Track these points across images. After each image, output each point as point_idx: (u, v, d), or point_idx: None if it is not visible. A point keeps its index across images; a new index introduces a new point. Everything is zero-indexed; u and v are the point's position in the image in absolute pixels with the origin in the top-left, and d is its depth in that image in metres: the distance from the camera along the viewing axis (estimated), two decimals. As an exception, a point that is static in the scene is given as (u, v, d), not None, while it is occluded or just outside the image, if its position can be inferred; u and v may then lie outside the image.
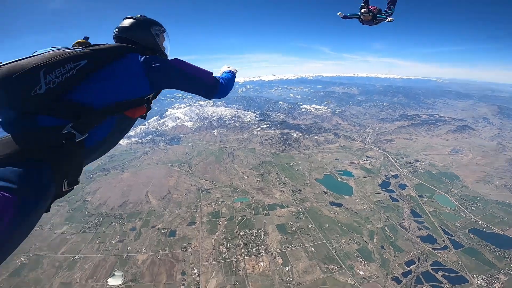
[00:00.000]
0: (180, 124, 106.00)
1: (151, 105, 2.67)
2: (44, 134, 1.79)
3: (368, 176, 62.81)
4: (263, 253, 38.60)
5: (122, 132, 2.43)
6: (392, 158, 73.42)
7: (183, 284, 33.66)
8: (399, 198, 53.24)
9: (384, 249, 39.40)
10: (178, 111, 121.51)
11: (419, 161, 71.58)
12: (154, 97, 2.67)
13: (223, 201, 51.51)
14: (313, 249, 39.34)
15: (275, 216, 46.81)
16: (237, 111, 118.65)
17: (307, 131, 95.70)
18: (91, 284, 33.54)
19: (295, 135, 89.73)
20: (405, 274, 35.19)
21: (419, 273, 35.25)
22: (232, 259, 37.58)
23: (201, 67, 2.78)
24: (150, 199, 52.06)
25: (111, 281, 33.95)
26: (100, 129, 2.09)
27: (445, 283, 33.61)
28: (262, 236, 41.95)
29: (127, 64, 2.29)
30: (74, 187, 2.01)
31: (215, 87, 2.86)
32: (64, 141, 1.82)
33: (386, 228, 44.05)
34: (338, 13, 9.89)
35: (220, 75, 3.36)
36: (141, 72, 2.32)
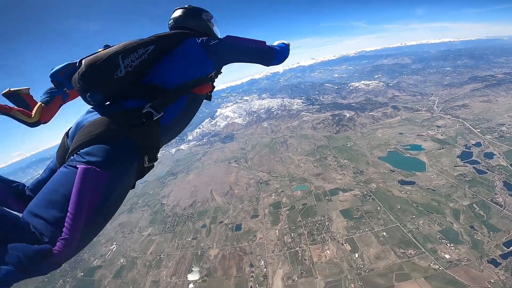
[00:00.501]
0: (231, 122, 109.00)
1: (214, 83, 2.90)
2: (128, 115, 2.02)
3: (443, 148, 55.08)
4: (329, 240, 36.93)
5: (192, 111, 2.60)
6: (470, 125, 63.15)
7: (252, 276, 34.09)
8: (487, 169, 45.35)
9: (475, 230, 33.93)
10: (226, 110, 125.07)
11: (504, 124, 60.05)
12: (216, 75, 2.85)
13: (282, 191, 50.91)
14: (384, 233, 36.07)
15: (338, 201, 44.43)
16: (283, 100, 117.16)
17: (361, 108, 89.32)
18: (175, 281, 36.08)
19: (348, 115, 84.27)
20: (504, 256, 29.65)
21: None
22: (297, 248, 36.80)
23: (254, 38, 2.96)
24: (215, 197, 54.43)
25: (190, 277, 36.22)
26: (173, 107, 2.29)
27: None
28: (326, 223, 40.16)
29: (189, 47, 2.51)
30: (154, 164, 2.22)
31: (271, 54, 3.04)
32: (144, 120, 2.04)
33: (474, 205, 38.00)
34: None
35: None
36: (203, 52, 2.52)
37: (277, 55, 3.10)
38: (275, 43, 3.64)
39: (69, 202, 1.61)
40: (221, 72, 3.05)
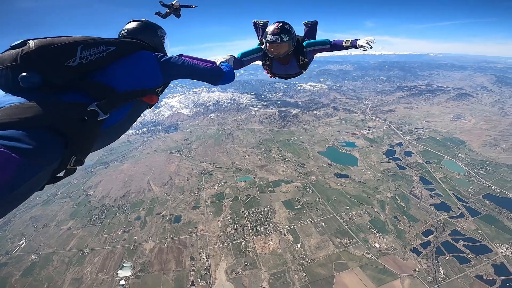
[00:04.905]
0: (176, 112, 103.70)
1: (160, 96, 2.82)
2: (68, 107, 1.79)
3: (372, 146, 61.71)
4: (272, 231, 37.49)
5: (133, 119, 2.49)
6: (394, 127, 72.34)
7: (193, 270, 32.61)
8: (406, 165, 52.03)
9: (398, 220, 38.05)
10: (173, 100, 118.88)
11: (421, 128, 70.82)
12: (162, 90, 2.79)
13: (226, 182, 50.20)
14: (323, 224, 38.14)
15: (281, 192, 45.63)
16: (232, 95, 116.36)
17: (305, 107, 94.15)
18: (102, 278, 32.69)
19: (293, 112, 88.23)
20: (424, 244, 33.70)
21: (439, 243, 33.69)
22: (241, 240, 36.48)
23: (205, 58, 3.17)
24: (152, 187, 50.76)
25: (121, 273, 33.10)
26: (118, 112, 2.15)
27: (468, 253, 31.87)
28: (269, 214, 40.76)
29: (144, 57, 2.47)
30: (77, 168, 1.97)
31: (219, 75, 3.18)
32: (86, 117, 1.83)
33: (396, 197, 42.81)
34: None
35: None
36: (156, 65, 2.51)
37: (225, 76, 3.23)
38: (222, 60, 3.81)
39: None
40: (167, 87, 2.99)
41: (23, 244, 39.09)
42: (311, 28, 5.97)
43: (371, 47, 4.17)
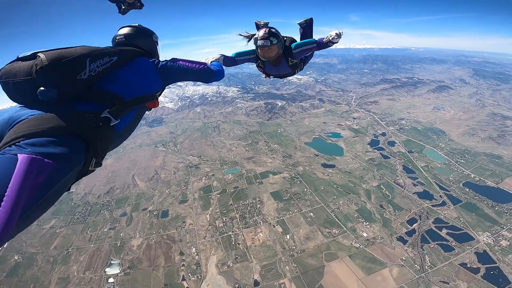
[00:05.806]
0: (160, 106, 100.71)
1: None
2: (85, 116, 1.94)
3: (357, 136, 63.00)
4: (261, 223, 37.58)
5: (138, 120, 2.63)
6: (378, 118, 74.04)
7: (183, 265, 32.33)
8: (390, 155, 53.42)
9: (384, 208, 38.93)
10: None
11: (403, 119, 72.80)
12: (160, 93, 2.94)
13: (213, 175, 49.82)
14: (311, 214, 38.57)
15: (269, 184, 45.79)
16: (218, 88, 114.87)
17: (292, 99, 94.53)
18: (89, 276, 31.97)
19: (280, 104, 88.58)
20: (409, 233, 34.52)
21: (423, 231, 34.56)
22: (230, 233, 36.43)
23: (195, 60, 3.26)
24: (137, 182, 49.74)
25: (109, 271, 32.47)
26: (125, 117, 2.30)
27: (452, 241, 32.83)
28: (258, 205, 40.84)
29: (143, 64, 2.58)
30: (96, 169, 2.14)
31: (211, 74, 3.33)
32: (100, 124, 2.01)
33: (382, 186, 43.82)
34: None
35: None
36: (154, 70, 2.63)
37: (216, 74, 3.38)
38: (212, 59, 3.94)
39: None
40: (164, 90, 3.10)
41: (5, 245, 37.42)
42: (306, 28, 5.89)
43: (339, 37, 4.35)
